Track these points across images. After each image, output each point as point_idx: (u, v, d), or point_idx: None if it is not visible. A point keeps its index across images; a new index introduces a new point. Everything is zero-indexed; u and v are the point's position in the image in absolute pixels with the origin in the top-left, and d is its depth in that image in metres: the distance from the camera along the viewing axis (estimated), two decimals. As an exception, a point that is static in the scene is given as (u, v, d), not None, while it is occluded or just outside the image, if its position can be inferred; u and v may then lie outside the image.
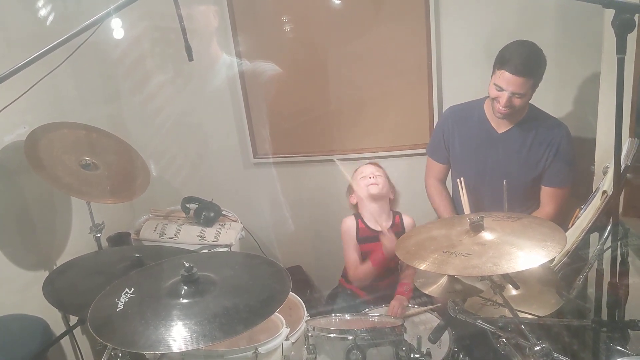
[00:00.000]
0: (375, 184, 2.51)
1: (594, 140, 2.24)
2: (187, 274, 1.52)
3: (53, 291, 2.00)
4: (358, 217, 2.58)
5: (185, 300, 1.50)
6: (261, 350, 1.67)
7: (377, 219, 2.52)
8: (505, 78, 2.18)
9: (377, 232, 2.52)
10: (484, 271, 1.47)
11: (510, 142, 2.39)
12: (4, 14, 2.42)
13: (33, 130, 2.36)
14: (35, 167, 2.24)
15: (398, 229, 2.55)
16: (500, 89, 2.21)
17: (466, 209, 2.31)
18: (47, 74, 1.81)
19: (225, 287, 1.56)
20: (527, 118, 2.37)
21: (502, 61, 2.20)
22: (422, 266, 1.55)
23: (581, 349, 1.86)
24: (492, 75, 2.27)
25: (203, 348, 1.64)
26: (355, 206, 2.62)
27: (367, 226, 2.55)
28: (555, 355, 1.48)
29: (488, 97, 2.37)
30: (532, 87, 2.20)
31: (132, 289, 1.56)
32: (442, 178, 2.68)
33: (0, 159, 2.37)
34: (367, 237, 2.54)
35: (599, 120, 2.19)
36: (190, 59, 1.55)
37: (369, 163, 2.67)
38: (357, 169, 2.65)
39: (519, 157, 2.38)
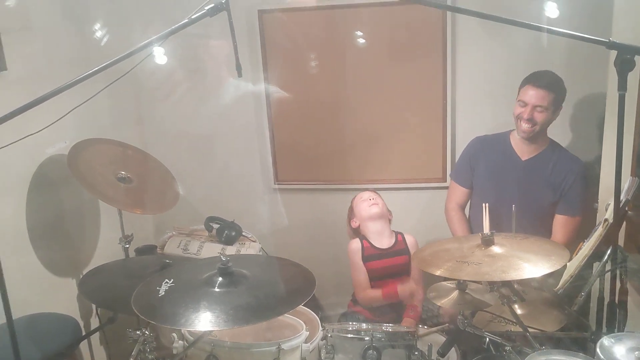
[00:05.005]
0: (376, 204, 2.72)
1: (597, 181, 2.39)
2: (223, 266, 1.67)
3: (89, 289, 2.13)
4: (362, 238, 2.74)
5: (221, 290, 1.64)
6: (284, 346, 1.79)
7: (379, 237, 2.70)
8: (529, 92, 2.41)
9: (382, 249, 2.69)
10: (494, 277, 1.61)
11: (532, 169, 2.56)
12: (51, 36, 2.63)
13: (75, 144, 2.54)
14: (77, 177, 2.42)
15: (402, 246, 2.72)
16: (524, 104, 2.43)
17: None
18: (91, 97, 1.96)
19: (256, 281, 1.71)
20: (549, 149, 2.56)
21: (527, 80, 2.45)
22: (437, 272, 1.70)
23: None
24: (516, 98, 2.49)
25: (230, 342, 1.79)
26: (357, 230, 2.80)
27: (371, 245, 2.70)
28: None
29: (513, 129, 2.57)
30: (553, 103, 2.40)
31: (172, 280, 1.70)
32: (463, 203, 2.82)
33: (41, 170, 2.53)
34: (372, 255, 2.69)
35: (602, 160, 2.35)
36: (240, 75, 1.73)
37: (366, 190, 2.86)
38: (355, 196, 2.85)
39: (539, 184, 2.54)
